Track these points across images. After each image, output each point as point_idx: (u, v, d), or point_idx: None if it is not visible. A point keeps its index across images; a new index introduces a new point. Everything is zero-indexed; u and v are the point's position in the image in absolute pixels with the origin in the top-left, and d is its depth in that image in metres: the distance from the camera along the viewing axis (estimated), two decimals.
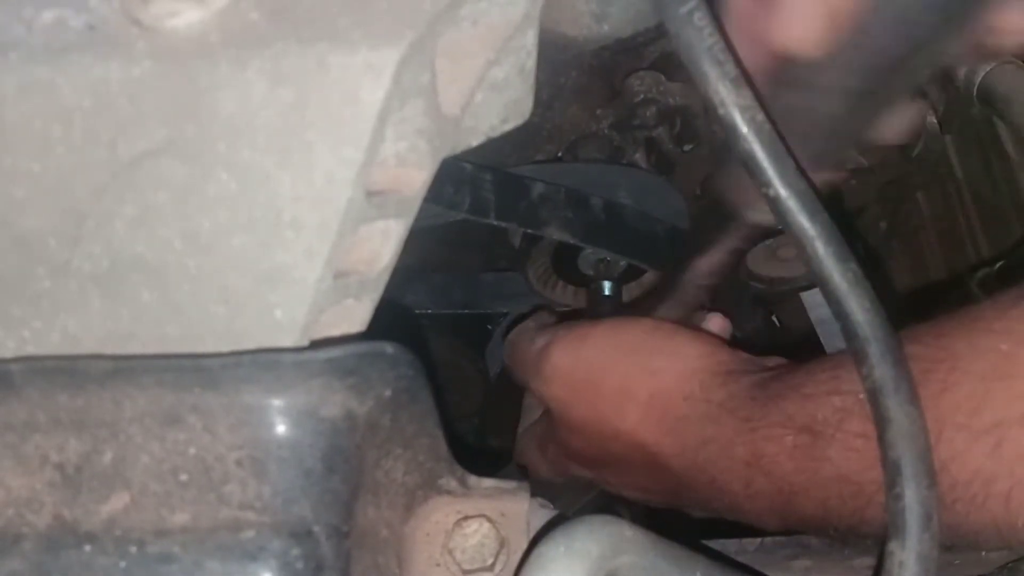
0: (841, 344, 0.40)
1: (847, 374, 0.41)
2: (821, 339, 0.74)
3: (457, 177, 0.54)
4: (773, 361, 0.48)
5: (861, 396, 0.39)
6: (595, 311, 0.64)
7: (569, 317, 0.61)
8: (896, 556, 0.36)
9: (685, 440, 0.48)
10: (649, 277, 0.68)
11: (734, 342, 0.52)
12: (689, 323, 0.56)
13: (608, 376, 0.51)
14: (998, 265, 0.63)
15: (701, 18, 0.36)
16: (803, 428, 0.43)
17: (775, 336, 0.75)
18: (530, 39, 0.37)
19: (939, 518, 0.36)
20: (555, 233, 0.59)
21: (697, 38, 0.36)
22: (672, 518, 0.54)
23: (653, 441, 0.49)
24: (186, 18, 0.31)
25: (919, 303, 0.73)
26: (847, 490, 0.41)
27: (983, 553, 0.43)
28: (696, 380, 0.48)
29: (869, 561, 0.45)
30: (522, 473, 0.62)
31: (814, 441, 0.42)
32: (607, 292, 0.66)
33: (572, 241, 0.60)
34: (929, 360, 0.39)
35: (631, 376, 0.50)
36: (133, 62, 0.31)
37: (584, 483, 0.58)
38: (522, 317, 0.61)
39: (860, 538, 0.43)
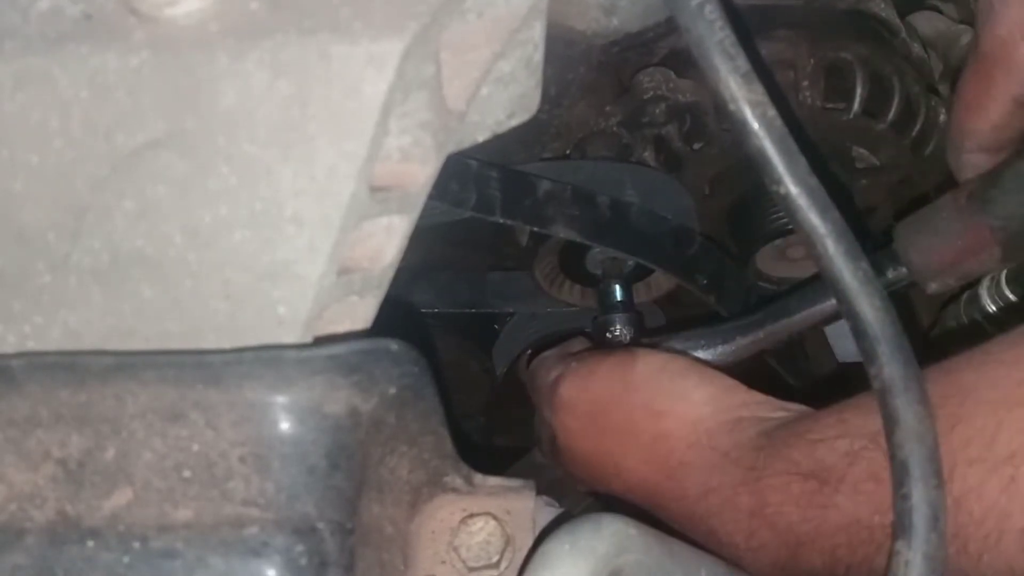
0: (850, 346, 0.40)
1: (854, 417, 0.41)
2: (829, 340, 0.74)
3: (463, 174, 0.53)
4: (794, 406, 0.48)
5: (869, 440, 0.39)
6: (607, 339, 0.64)
7: (599, 346, 0.62)
8: (903, 555, 0.35)
9: (686, 488, 0.47)
10: (657, 277, 0.68)
11: (752, 379, 0.51)
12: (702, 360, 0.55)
13: (613, 412, 0.51)
14: (1007, 268, 0.63)
15: (712, 11, 0.36)
16: (809, 474, 0.42)
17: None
18: (537, 32, 0.36)
19: (946, 518, 0.36)
20: (561, 231, 0.59)
21: (708, 32, 0.36)
22: None
23: (654, 483, 0.49)
24: (184, 7, 0.30)
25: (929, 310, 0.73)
26: (857, 537, 0.40)
27: None
28: (702, 428, 0.48)
29: None
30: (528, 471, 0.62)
31: (821, 487, 0.41)
32: (619, 297, 0.66)
33: (578, 240, 0.60)
34: (939, 396, 0.38)
35: (635, 415, 0.50)
36: (131, 52, 0.30)
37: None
38: (551, 339, 0.62)
39: None
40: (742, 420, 0.47)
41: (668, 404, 0.49)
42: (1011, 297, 0.62)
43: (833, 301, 0.50)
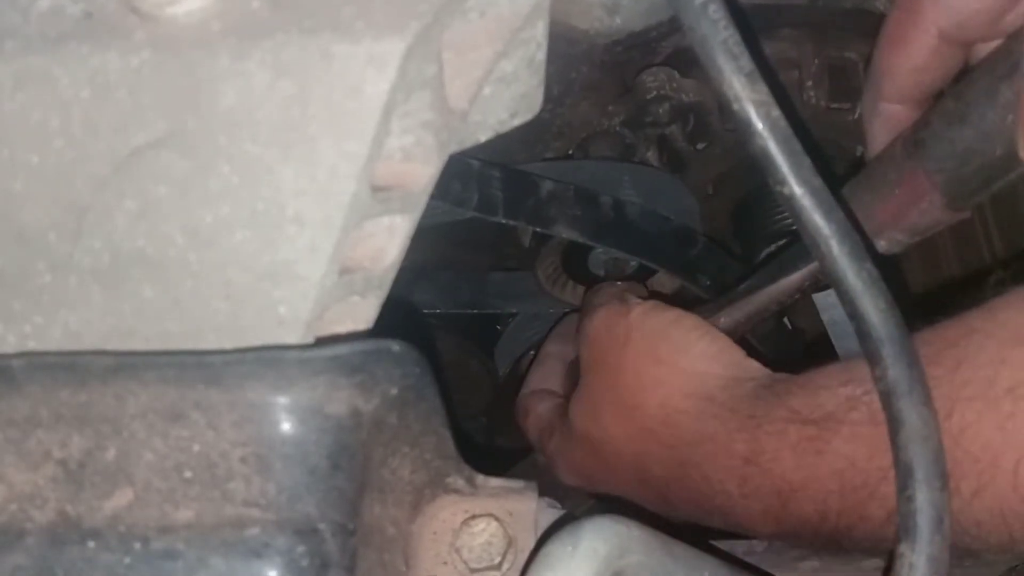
0: (854, 346, 0.39)
1: (856, 364, 0.41)
2: (833, 341, 0.74)
3: (465, 174, 0.53)
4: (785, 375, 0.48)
5: (872, 385, 0.38)
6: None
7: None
8: (906, 558, 0.35)
9: (681, 433, 0.48)
10: (660, 278, 0.68)
11: (752, 350, 0.51)
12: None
13: (627, 355, 0.52)
14: (1013, 269, 0.62)
15: (716, 10, 0.36)
16: (809, 421, 0.42)
17: (787, 339, 0.75)
18: (540, 31, 0.36)
19: (950, 521, 0.36)
20: (563, 231, 0.58)
21: (712, 31, 0.36)
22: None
23: (648, 428, 0.49)
24: (185, 6, 0.30)
25: (934, 306, 0.72)
26: (850, 482, 0.41)
27: None
28: (698, 379, 0.48)
29: (878, 563, 0.44)
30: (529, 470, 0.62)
31: (819, 433, 0.42)
32: None
33: (580, 240, 0.60)
34: (946, 341, 0.39)
35: (643, 360, 0.51)
36: (132, 51, 0.30)
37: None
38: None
39: (854, 544, 0.42)
40: (740, 379, 0.48)
41: (670, 354, 0.50)
42: None
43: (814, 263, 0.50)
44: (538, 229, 0.59)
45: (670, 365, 0.50)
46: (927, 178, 0.46)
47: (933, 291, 0.75)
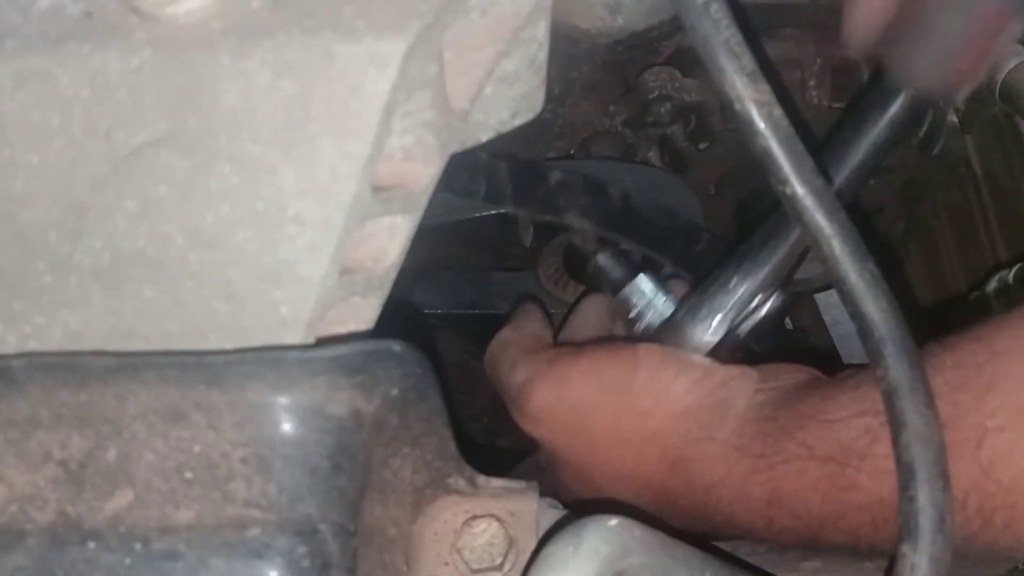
0: (855, 347, 0.39)
1: (869, 392, 0.40)
2: (835, 341, 0.74)
3: (471, 164, 0.53)
4: (771, 368, 0.46)
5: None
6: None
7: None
8: (908, 559, 0.35)
9: (692, 482, 0.45)
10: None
11: (732, 351, 0.50)
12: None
13: (597, 420, 0.48)
14: (1016, 268, 0.62)
15: (718, 10, 0.36)
16: (827, 458, 0.41)
17: (789, 340, 0.74)
18: (541, 30, 0.36)
19: (952, 521, 0.36)
20: (573, 221, 0.58)
21: (714, 30, 0.36)
22: None
23: (658, 483, 0.47)
24: (186, 5, 0.30)
25: (937, 311, 0.72)
26: (880, 516, 0.40)
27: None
28: (691, 418, 0.46)
29: (880, 563, 0.44)
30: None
31: (841, 470, 0.40)
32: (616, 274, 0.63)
33: (589, 229, 0.59)
34: (970, 365, 0.38)
35: (621, 420, 0.47)
36: (132, 51, 0.30)
37: None
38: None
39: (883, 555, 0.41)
40: (726, 400, 0.46)
41: (651, 402, 0.47)
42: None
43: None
44: (546, 218, 0.58)
45: (657, 415, 0.46)
46: (1000, 8, 0.41)
47: (934, 284, 0.75)
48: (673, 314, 0.53)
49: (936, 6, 0.42)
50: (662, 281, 0.56)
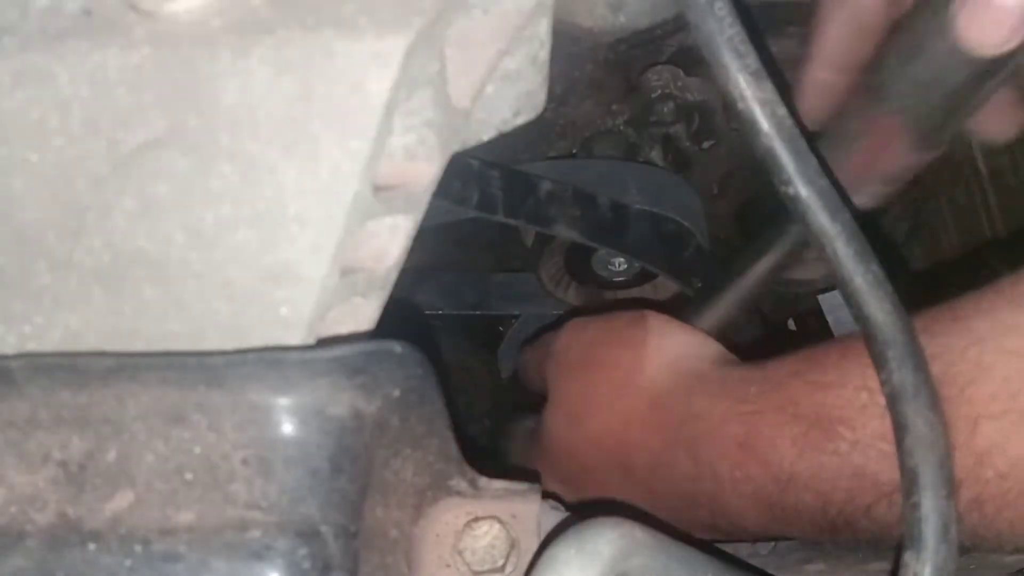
0: None
1: (857, 366, 0.40)
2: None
3: (464, 173, 0.53)
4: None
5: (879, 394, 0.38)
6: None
7: None
8: (911, 567, 0.35)
9: (669, 413, 0.47)
10: (664, 279, 0.67)
11: (734, 348, 0.51)
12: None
13: (600, 352, 0.52)
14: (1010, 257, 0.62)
15: (722, 8, 0.35)
16: (811, 418, 0.41)
17: (790, 341, 0.74)
18: (543, 28, 0.36)
19: (957, 528, 0.35)
20: (562, 231, 0.58)
21: (717, 29, 0.35)
22: None
23: (638, 415, 0.48)
24: (186, 3, 0.30)
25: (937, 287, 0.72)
26: (859, 486, 0.40)
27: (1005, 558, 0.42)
28: (683, 365, 0.48)
29: (884, 565, 0.44)
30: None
31: (824, 434, 0.40)
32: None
33: (579, 240, 0.60)
34: (953, 351, 0.38)
35: (618, 352, 0.51)
36: (131, 49, 0.30)
37: None
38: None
39: (853, 535, 0.41)
40: (722, 362, 0.48)
41: (653, 339, 0.50)
42: None
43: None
44: (537, 228, 0.59)
45: (652, 352, 0.49)
46: (891, 120, 0.46)
47: (934, 270, 0.75)
48: None
49: (844, 109, 0.47)
50: None
